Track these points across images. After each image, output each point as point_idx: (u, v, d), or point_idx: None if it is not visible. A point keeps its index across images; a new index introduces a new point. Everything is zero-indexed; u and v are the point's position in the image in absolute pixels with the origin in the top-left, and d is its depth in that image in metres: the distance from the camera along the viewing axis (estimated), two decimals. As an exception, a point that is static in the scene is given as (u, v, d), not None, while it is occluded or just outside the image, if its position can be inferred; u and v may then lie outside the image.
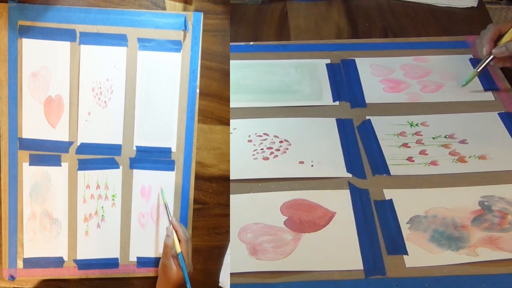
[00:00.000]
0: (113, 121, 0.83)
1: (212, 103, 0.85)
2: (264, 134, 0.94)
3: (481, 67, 1.02)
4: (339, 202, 0.83)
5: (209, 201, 0.86)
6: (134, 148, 0.84)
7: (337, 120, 0.97)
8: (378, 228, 0.79)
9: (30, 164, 0.82)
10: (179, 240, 0.79)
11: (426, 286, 0.72)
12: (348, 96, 1.02)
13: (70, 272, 0.84)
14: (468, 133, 0.94)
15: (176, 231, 0.79)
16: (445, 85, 1.04)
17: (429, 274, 0.73)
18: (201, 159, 0.85)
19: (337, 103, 1.01)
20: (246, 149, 0.91)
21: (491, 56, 1.00)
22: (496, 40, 1.01)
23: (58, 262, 0.84)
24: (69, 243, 0.84)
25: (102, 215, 0.84)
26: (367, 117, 0.97)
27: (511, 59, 1.02)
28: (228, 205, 0.82)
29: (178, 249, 0.78)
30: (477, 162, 0.88)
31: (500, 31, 1.01)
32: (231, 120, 0.89)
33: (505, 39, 1.00)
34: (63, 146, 0.83)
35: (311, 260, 0.75)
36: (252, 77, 1.08)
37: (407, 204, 0.82)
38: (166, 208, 0.82)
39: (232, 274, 0.73)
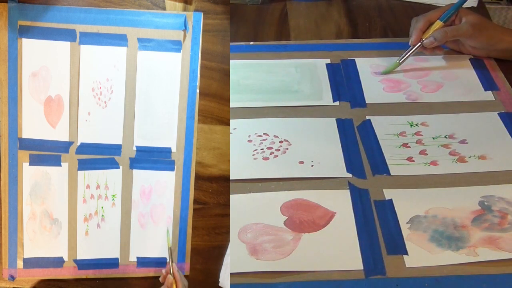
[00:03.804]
0: (113, 121, 0.83)
1: (212, 103, 0.85)
2: (264, 134, 0.94)
3: (404, 57, 1.06)
4: (339, 202, 0.82)
5: (209, 201, 0.86)
6: (134, 148, 0.84)
7: (337, 120, 0.97)
8: (378, 228, 0.79)
9: (30, 164, 0.82)
10: None
11: (426, 286, 0.72)
12: (348, 96, 1.02)
13: (70, 272, 0.84)
14: (468, 133, 0.94)
15: (176, 282, 0.77)
16: (445, 85, 1.04)
17: (429, 274, 0.73)
18: (201, 159, 0.85)
19: (337, 103, 1.01)
20: (246, 149, 0.91)
21: (417, 46, 1.05)
22: (425, 30, 1.06)
23: (58, 262, 0.84)
24: (69, 243, 0.84)
25: (102, 215, 0.84)
26: (367, 117, 0.97)
27: (439, 48, 1.08)
28: (228, 205, 0.82)
29: None
30: (477, 162, 0.88)
31: (430, 22, 1.06)
32: (231, 120, 0.89)
33: (432, 28, 1.05)
34: (63, 146, 0.83)
35: (311, 260, 0.75)
36: (252, 77, 1.08)
37: (407, 204, 0.82)
38: (170, 253, 0.79)
39: (232, 274, 0.73)
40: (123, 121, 0.83)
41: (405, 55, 1.06)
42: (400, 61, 1.06)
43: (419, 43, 1.05)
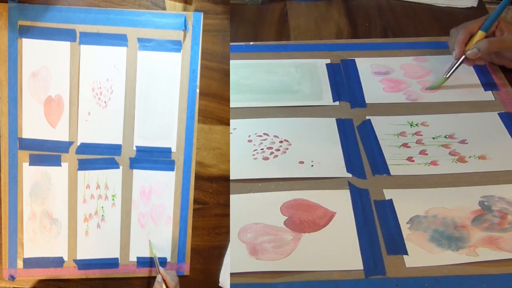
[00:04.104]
0: (113, 121, 0.83)
1: (212, 103, 0.85)
2: (264, 134, 0.94)
3: (451, 72, 1.02)
4: (339, 202, 0.83)
5: (209, 201, 0.86)
6: (134, 148, 0.84)
7: (337, 120, 0.97)
8: (378, 228, 0.79)
9: (30, 164, 0.82)
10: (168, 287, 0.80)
11: (426, 286, 0.72)
12: (348, 96, 1.02)
13: (70, 272, 0.84)
14: (468, 133, 0.94)
15: (164, 280, 0.80)
16: (445, 85, 1.04)
17: (429, 274, 0.73)
18: (201, 159, 0.85)
19: (337, 103, 1.01)
20: (246, 149, 0.91)
21: (461, 59, 1.01)
22: (467, 43, 1.01)
23: (58, 262, 0.84)
24: (69, 243, 0.84)
25: (102, 215, 0.84)
26: (367, 117, 0.97)
27: (480, 59, 1.03)
28: (228, 205, 0.82)
29: None
30: (477, 162, 0.88)
31: (470, 33, 1.02)
32: (231, 120, 0.89)
33: (475, 39, 1.01)
34: (63, 146, 0.83)
35: (311, 260, 0.75)
36: (252, 77, 1.08)
37: (407, 204, 0.82)
38: (155, 261, 0.83)
39: (232, 274, 0.73)
40: (123, 121, 0.83)
41: (451, 69, 1.02)
42: (447, 76, 1.02)
43: (464, 56, 1.01)
